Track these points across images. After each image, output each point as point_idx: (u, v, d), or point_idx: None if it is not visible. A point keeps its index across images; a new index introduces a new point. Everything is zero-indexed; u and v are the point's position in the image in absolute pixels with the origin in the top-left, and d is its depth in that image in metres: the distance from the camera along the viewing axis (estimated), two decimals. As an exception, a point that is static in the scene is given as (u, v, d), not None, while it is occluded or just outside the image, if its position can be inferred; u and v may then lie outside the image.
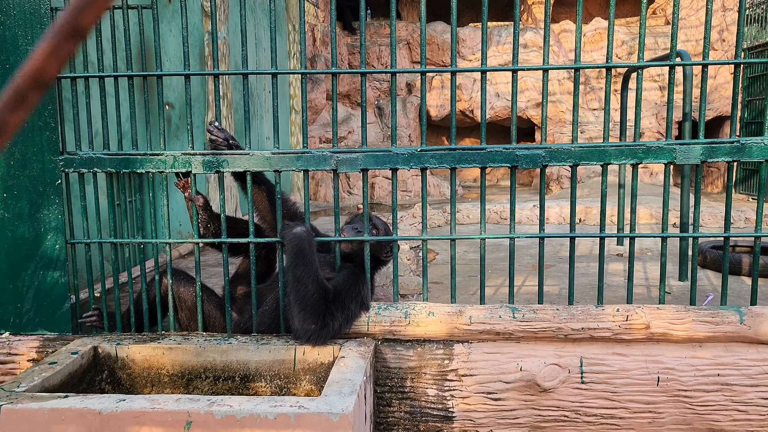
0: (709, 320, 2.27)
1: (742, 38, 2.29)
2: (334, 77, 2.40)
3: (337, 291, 2.31)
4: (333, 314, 2.27)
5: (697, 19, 10.02)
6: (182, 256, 4.59)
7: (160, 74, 2.41)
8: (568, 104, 10.19)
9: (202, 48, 5.28)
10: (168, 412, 1.80)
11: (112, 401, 1.85)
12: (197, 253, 2.49)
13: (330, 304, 2.27)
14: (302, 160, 2.37)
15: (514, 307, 2.37)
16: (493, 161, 2.33)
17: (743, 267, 3.60)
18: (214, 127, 2.44)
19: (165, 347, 2.35)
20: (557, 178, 9.41)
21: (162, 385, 2.35)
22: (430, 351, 2.37)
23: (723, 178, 9.16)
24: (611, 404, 2.31)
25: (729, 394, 2.27)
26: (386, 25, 11.88)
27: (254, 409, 1.79)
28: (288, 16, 8.29)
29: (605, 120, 2.42)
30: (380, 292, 3.08)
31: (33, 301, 2.49)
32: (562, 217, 6.37)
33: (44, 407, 1.82)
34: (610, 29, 2.29)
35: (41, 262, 2.47)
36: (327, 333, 2.27)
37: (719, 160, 2.27)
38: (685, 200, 3.39)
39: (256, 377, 2.33)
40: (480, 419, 2.35)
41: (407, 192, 9.32)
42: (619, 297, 3.19)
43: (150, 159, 2.41)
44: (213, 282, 3.64)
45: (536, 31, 10.71)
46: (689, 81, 3.37)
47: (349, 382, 1.97)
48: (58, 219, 2.45)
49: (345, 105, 10.80)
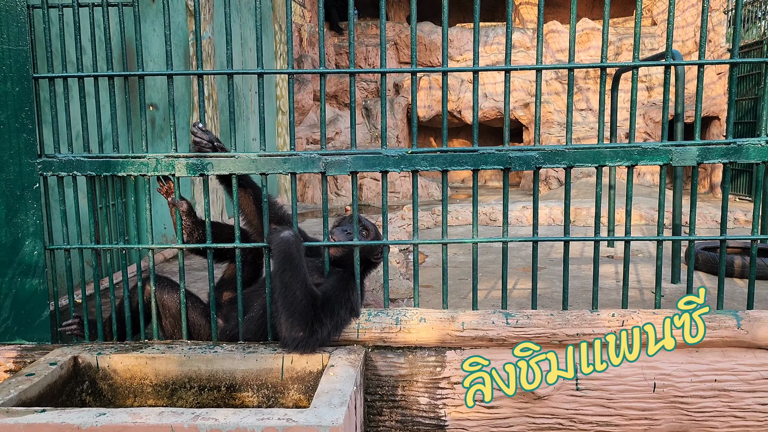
0: (705, 324, 2.22)
1: (738, 37, 2.26)
2: (322, 77, 2.33)
3: (326, 297, 2.24)
4: (322, 321, 2.20)
5: (683, 20, 10.07)
6: (167, 259, 4.49)
7: (141, 74, 2.33)
8: (555, 104, 10.19)
9: (187, 48, 5.19)
10: (150, 426, 1.72)
11: (91, 415, 1.77)
12: (181, 259, 2.41)
13: (319, 311, 2.20)
14: (289, 162, 2.30)
15: (508, 313, 2.32)
16: (486, 163, 2.28)
17: (735, 268, 3.58)
18: (198, 128, 2.36)
19: (148, 356, 2.27)
20: (545, 179, 9.40)
21: (145, 395, 2.27)
22: (422, 358, 2.31)
23: (710, 178, 9.20)
24: (607, 411, 2.27)
25: (726, 400, 2.23)
26: (373, 26, 11.83)
27: (240, 423, 1.71)
28: (274, 15, 8.21)
29: (600, 120, 2.37)
30: (370, 297, 3.02)
31: (10, 310, 2.40)
32: (551, 218, 6.35)
33: (20, 422, 1.74)
34: (605, 29, 2.24)
35: (19, 268, 2.38)
36: (315, 341, 2.20)
37: (715, 162, 2.24)
38: (678, 202, 3.36)
39: (242, 387, 2.26)
40: (473, 428, 2.29)
41: (395, 193, 9.27)
42: (612, 300, 3.15)
43: (132, 162, 2.33)
44: (198, 287, 3.56)
45: (523, 32, 10.70)
46: (681, 81, 3.35)
47: (338, 392, 1.90)
48: (37, 224, 2.36)
49: (332, 106, 10.73)
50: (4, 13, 2.28)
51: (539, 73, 2.28)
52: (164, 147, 4.64)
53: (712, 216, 5.96)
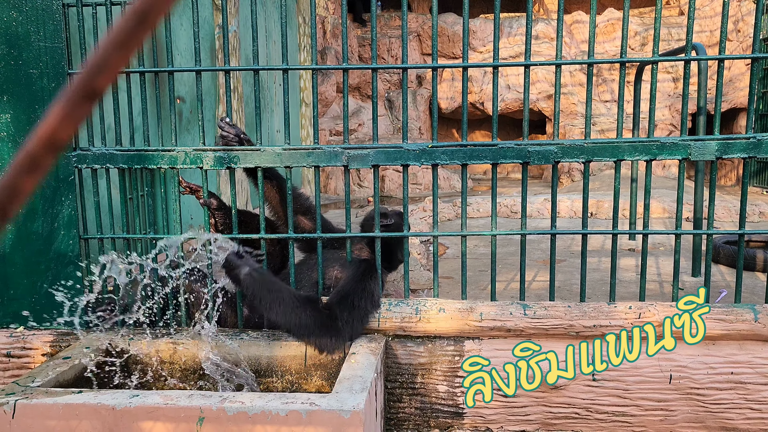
0: (723, 318, 2.25)
1: (759, 31, 2.26)
2: (345, 73, 2.39)
3: (346, 292, 2.30)
4: (345, 319, 2.26)
5: (711, 9, 9.89)
6: (193, 249, 4.60)
7: (171, 70, 2.41)
8: (579, 96, 10.11)
9: (213, 41, 5.28)
10: (181, 408, 1.81)
11: (125, 397, 1.86)
12: (209, 249, 2.49)
13: (339, 308, 2.26)
14: (313, 156, 2.37)
15: (526, 304, 2.36)
16: (505, 157, 2.32)
17: (757, 263, 3.56)
18: (225, 123, 2.44)
19: (177, 342, 2.36)
20: (568, 171, 9.35)
21: (174, 379, 2.37)
22: (441, 347, 2.37)
23: (736, 171, 9.07)
24: (623, 402, 2.30)
25: (742, 393, 2.26)
26: (396, 17, 11.82)
27: (266, 406, 1.79)
28: (298, 8, 8.26)
29: (619, 115, 2.39)
30: (391, 288, 3.08)
31: (47, 296, 2.51)
32: (573, 211, 6.34)
33: (59, 402, 1.84)
34: (625, 23, 2.26)
35: (55, 257, 2.49)
36: (343, 339, 2.27)
37: (734, 157, 2.24)
38: (699, 195, 3.36)
39: (267, 372, 2.34)
40: (490, 416, 2.35)
41: (417, 185, 9.30)
42: (631, 293, 3.17)
43: (162, 155, 2.41)
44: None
45: (548, 23, 10.62)
46: (704, 74, 3.33)
47: (360, 379, 1.97)
48: (72, 215, 2.46)
49: (355, 97, 10.77)
50: (41, 12, 2.37)
51: (558, 68, 2.31)
52: (191, 139, 4.75)
53: (737, 209, 5.90)
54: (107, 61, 0.35)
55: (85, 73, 0.36)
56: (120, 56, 0.35)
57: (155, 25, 0.34)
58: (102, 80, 0.36)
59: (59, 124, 0.36)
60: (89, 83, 0.35)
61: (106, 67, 0.35)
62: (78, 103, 0.36)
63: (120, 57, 0.35)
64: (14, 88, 2.39)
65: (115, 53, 0.34)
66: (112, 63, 0.35)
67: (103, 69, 0.35)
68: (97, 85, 0.35)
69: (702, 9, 9.92)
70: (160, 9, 0.34)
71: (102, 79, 0.35)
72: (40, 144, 0.38)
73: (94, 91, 0.35)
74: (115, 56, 0.35)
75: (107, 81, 0.35)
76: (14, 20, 2.36)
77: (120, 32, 0.34)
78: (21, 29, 2.36)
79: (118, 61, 0.35)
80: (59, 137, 0.37)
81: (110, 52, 0.35)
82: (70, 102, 0.36)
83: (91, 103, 0.36)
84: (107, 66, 0.35)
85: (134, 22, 0.33)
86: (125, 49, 0.34)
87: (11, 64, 2.38)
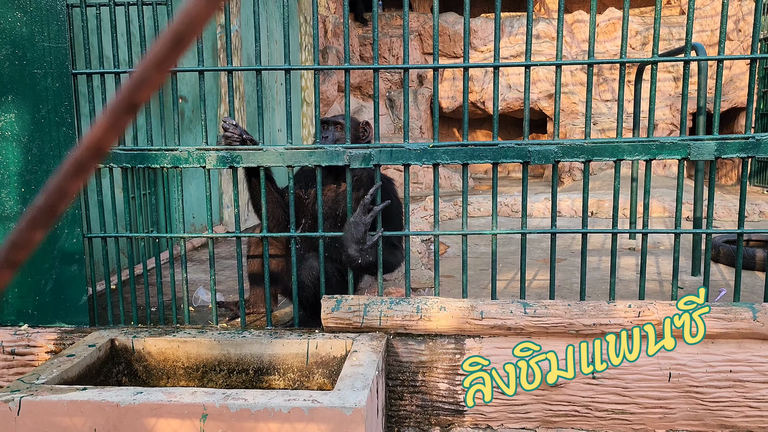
0: (722, 317, 2.26)
1: (758, 31, 2.27)
2: (347, 73, 2.41)
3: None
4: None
5: (713, 8, 9.90)
6: (195, 248, 4.63)
7: (174, 70, 2.42)
8: (580, 95, 10.12)
9: (215, 41, 5.30)
10: (184, 405, 1.83)
11: (129, 394, 1.88)
12: (211, 247, 2.51)
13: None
14: (315, 155, 2.39)
15: (526, 303, 2.38)
16: (505, 157, 2.34)
17: (757, 262, 3.58)
18: (228, 123, 2.46)
19: (180, 340, 2.38)
20: (569, 170, 9.36)
21: (177, 377, 2.39)
22: (442, 345, 2.39)
23: (737, 170, 9.08)
24: (622, 399, 2.32)
25: (741, 391, 2.27)
26: (398, 17, 11.84)
27: (268, 403, 1.81)
28: (299, 7, 8.28)
29: (619, 115, 2.41)
30: (391, 287, 3.10)
31: (51, 294, 2.53)
32: (573, 210, 6.36)
33: (63, 399, 1.86)
34: (625, 23, 2.27)
35: (59, 255, 2.51)
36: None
37: (733, 156, 2.26)
38: (699, 195, 3.37)
39: (269, 370, 2.36)
40: (491, 413, 2.37)
41: (418, 184, 9.32)
42: (631, 292, 3.19)
43: (165, 154, 2.43)
44: (226, 275, 3.68)
45: (549, 22, 10.62)
46: (704, 74, 3.35)
47: (361, 377, 1.99)
48: (75, 214, 2.48)
49: (356, 97, 10.79)
50: (45, 13, 2.39)
51: (559, 68, 2.33)
52: (193, 138, 4.77)
53: (737, 209, 5.91)
54: (147, 78, 0.37)
55: (126, 89, 0.39)
56: (158, 74, 0.37)
57: (190, 45, 0.37)
58: (142, 95, 0.38)
59: (103, 133, 0.39)
60: (130, 98, 0.37)
61: (146, 84, 0.37)
62: (120, 116, 0.38)
63: (158, 75, 0.37)
64: (19, 87, 2.41)
65: (154, 71, 0.37)
66: (151, 80, 0.37)
67: (143, 85, 0.37)
68: (138, 100, 0.38)
69: (702, 8, 9.92)
70: (195, 31, 0.36)
71: (142, 95, 0.38)
72: (87, 151, 0.41)
73: (134, 105, 0.38)
74: (154, 74, 0.37)
75: (146, 96, 0.38)
76: (19, 21, 2.38)
77: (158, 52, 0.36)
78: (25, 29, 2.38)
79: (157, 79, 0.38)
80: (103, 145, 0.41)
81: (149, 70, 0.37)
82: (113, 114, 0.38)
83: (132, 116, 0.39)
84: (147, 83, 0.37)
85: (172, 43, 0.36)
86: (163, 68, 0.37)
87: (16, 64, 2.40)
